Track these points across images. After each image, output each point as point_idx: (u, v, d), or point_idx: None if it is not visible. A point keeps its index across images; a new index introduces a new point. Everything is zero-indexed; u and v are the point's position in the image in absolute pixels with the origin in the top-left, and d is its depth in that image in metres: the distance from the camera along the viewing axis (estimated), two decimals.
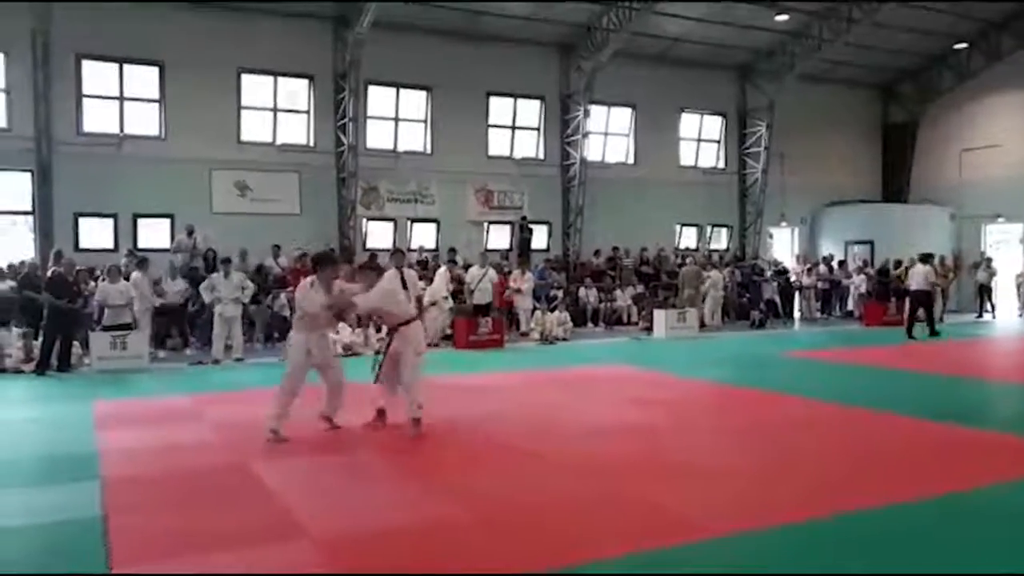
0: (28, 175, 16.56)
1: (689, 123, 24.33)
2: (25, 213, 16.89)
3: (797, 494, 5.58)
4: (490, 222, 21.42)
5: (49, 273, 13.25)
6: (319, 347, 7.56)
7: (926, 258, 17.44)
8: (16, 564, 4.53)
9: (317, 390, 7.83)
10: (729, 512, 5.18)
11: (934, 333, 16.73)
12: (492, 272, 16.49)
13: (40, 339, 12.59)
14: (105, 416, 8.74)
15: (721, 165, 24.80)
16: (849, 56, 23.91)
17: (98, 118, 17.37)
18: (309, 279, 7.57)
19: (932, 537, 4.76)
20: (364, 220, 19.83)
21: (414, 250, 19.69)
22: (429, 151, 20.62)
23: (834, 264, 22.78)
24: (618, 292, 20.37)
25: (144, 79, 17.83)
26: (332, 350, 7.84)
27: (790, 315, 21.66)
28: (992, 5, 22.63)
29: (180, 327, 14.93)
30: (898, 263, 21.36)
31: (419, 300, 10.36)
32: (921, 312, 16.87)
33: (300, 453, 6.96)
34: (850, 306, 22.30)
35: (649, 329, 17.99)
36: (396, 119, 20.35)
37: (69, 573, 3.98)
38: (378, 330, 15.41)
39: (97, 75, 17.39)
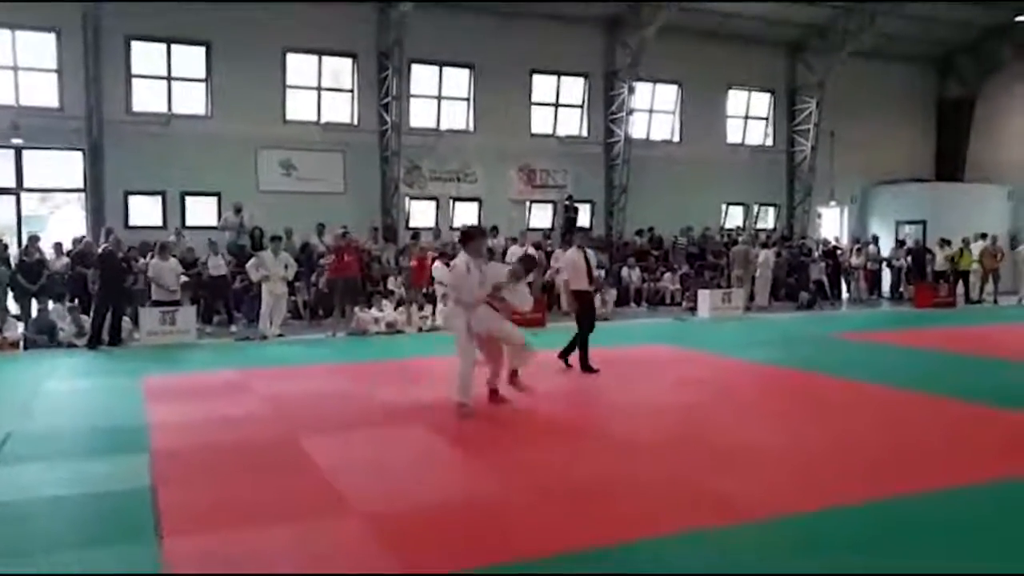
0: (80, 154, 16.90)
1: (737, 100, 23.84)
2: (77, 191, 17.27)
3: (845, 476, 5.45)
4: (532, 201, 21.30)
5: (100, 250, 13.53)
6: (478, 319, 7.34)
7: None
8: (68, 532, 4.64)
9: (373, 367, 7.85)
10: (776, 493, 5.09)
11: None
12: (532, 251, 16.41)
13: (91, 314, 12.89)
14: (155, 389, 8.91)
15: (769, 143, 24.30)
16: (903, 30, 23.16)
17: (147, 97, 17.62)
18: (464, 260, 7.28)
19: (985, 523, 4.61)
20: (407, 199, 19.87)
21: (456, 228, 19.67)
22: (472, 129, 20.55)
23: (881, 245, 22.21)
24: (667, 275, 20.11)
25: (191, 59, 18.02)
26: (497, 318, 7.49)
27: (838, 296, 21.24)
28: None
29: (225, 302, 15.13)
30: (945, 242, 20.79)
31: (596, 280, 10.29)
32: None
33: (348, 428, 7.00)
34: (900, 287, 21.78)
35: (693, 309, 17.77)
36: (439, 97, 20.29)
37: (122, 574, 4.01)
38: (420, 308, 15.58)
39: (145, 55, 17.62)
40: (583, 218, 21.48)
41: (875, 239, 22.21)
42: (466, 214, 20.39)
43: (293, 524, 4.59)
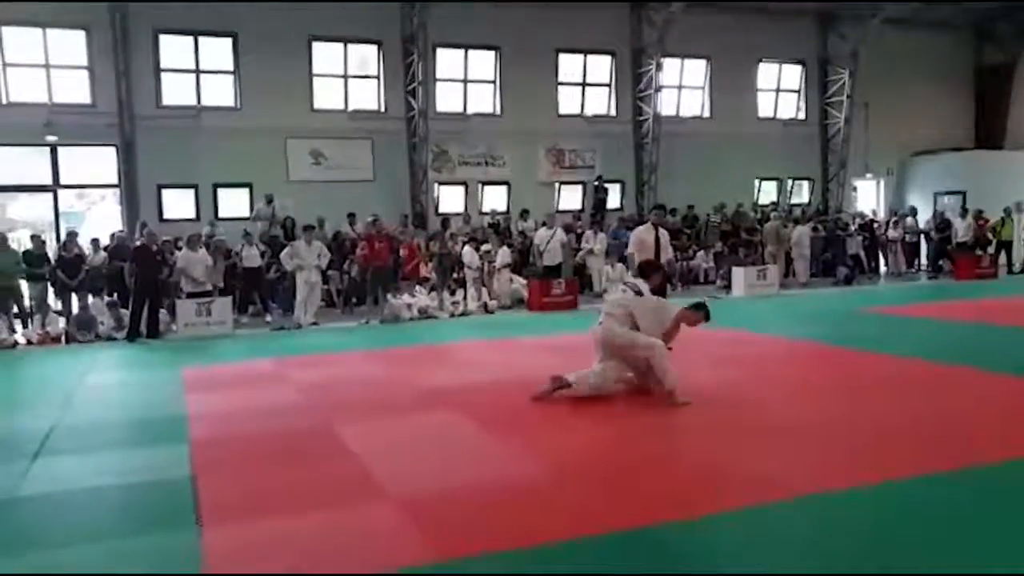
0: (113, 149, 17.14)
1: (767, 73, 23.43)
2: (112, 186, 17.51)
3: (891, 452, 5.33)
4: (561, 182, 21.18)
5: (136, 244, 13.72)
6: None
7: None
8: (110, 521, 4.71)
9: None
10: (820, 470, 5.01)
11: None
12: (561, 232, 16.37)
13: (129, 308, 13.08)
14: (193, 380, 9.02)
15: (801, 116, 23.87)
16: None
17: (176, 91, 17.78)
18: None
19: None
20: (436, 184, 19.86)
21: (486, 213, 19.66)
22: (499, 112, 20.44)
23: (920, 217, 21.75)
24: (700, 253, 19.91)
25: (218, 51, 18.14)
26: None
27: (876, 270, 20.86)
28: None
29: (260, 292, 15.27)
30: (979, 213, 20.29)
31: (669, 263, 10.02)
32: None
33: (382, 414, 7.03)
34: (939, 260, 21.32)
35: (727, 287, 17.57)
36: (465, 81, 20.21)
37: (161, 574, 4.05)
38: (452, 293, 15.60)
39: (174, 49, 17.77)
40: (613, 198, 21.32)
41: (913, 211, 21.71)
42: (495, 198, 20.35)
43: (330, 510, 4.61)
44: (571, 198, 21.27)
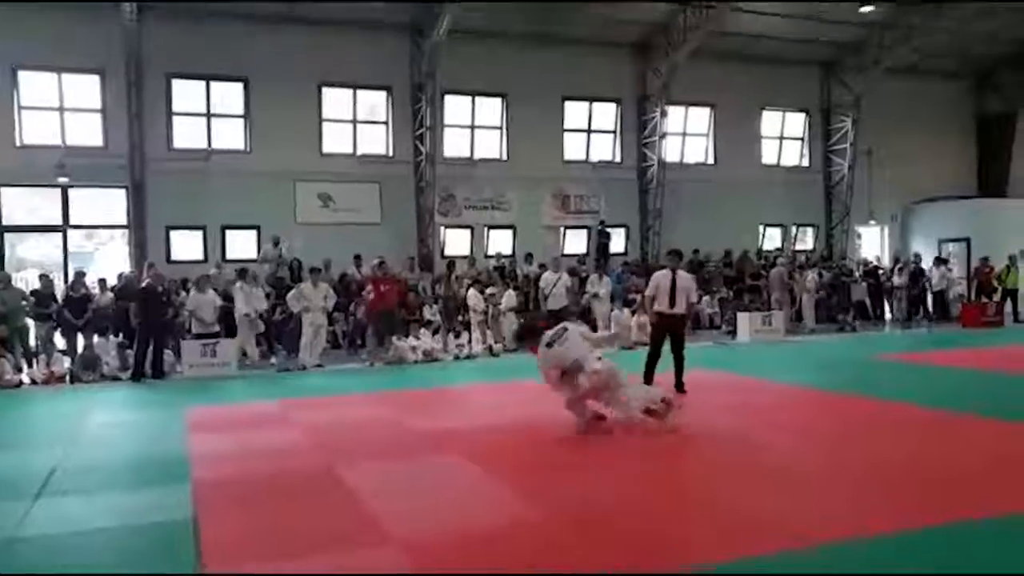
0: (123, 191, 17.32)
1: (771, 121, 23.69)
2: (121, 227, 17.66)
3: (900, 500, 5.28)
4: (566, 227, 21.31)
5: (142, 285, 13.79)
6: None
7: None
8: (112, 563, 4.66)
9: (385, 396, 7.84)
10: (831, 518, 4.95)
11: None
12: (566, 277, 16.41)
13: (134, 348, 13.11)
14: (197, 421, 9.00)
15: (805, 163, 24.06)
16: (941, 46, 22.86)
17: (187, 134, 18.03)
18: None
19: None
20: (442, 228, 19.99)
21: (491, 256, 19.75)
22: (505, 157, 20.66)
23: (922, 264, 21.77)
24: (705, 298, 19.91)
25: (230, 95, 18.44)
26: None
27: (881, 317, 20.82)
28: None
29: (266, 334, 15.27)
30: (984, 260, 20.32)
31: (689, 304, 10.36)
32: None
33: (385, 456, 6.99)
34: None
35: (732, 333, 17.54)
36: (472, 127, 20.47)
37: (161, 574, 4.03)
38: (457, 336, 15.60)
39: (185, 93, 18.06)
40: (617, 243, 21.42)
41: (917, 257, 21.71)
42: (501, 241, 20.46)
43: (332, 553, 4.57)
44: (576, 242, 21.37)
